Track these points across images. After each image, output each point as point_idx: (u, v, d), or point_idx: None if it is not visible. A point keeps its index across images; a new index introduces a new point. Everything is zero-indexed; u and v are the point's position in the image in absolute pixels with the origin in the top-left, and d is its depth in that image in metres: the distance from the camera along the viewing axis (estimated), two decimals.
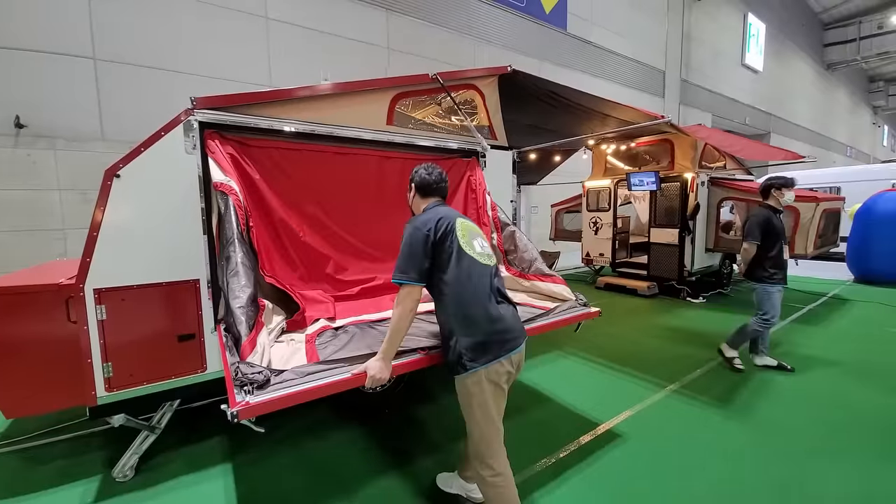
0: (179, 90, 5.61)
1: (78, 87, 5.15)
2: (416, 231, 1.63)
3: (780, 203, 3.52)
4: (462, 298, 1.60)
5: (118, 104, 5.32)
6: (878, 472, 2.25)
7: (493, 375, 1.59)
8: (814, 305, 5.82)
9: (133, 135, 5.33)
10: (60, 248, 5.16)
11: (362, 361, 1.59)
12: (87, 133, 5.27)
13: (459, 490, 2.07)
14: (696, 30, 14.08)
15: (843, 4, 19.85)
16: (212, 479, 2.26)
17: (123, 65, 5.34)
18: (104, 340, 2.06)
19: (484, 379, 1.59)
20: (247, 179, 2.39)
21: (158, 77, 5.52)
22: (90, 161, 5.26)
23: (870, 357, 3.90)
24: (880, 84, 27.64)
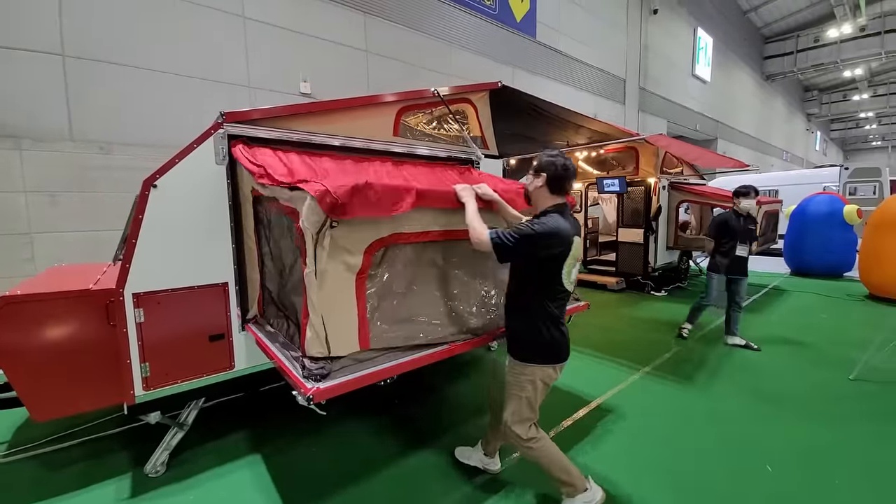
0: (153, 89, 5.51)
1: (45, 85, 4.96)
2: (552, 236, 1.67)
3: (739, 208, 4.09)
4: (551, 312, 1.82)
5: (89, 103, 5.16)
6: (810, 430, 2.76)
7: (549, 374, 1.90)
8: (758, 296, 6.59)
9: (104, 134, 5.21)
10: (27, 253, 4.95)
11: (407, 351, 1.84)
12: (55, 133, 5.08)
13: (478, 462, 2.34)
14: (652, 41, 15.08)
15: (783, 20, 21.79)
16: (242, 469, 2.42)
17: (94, 62, 5.18)
18: (142, 342, 2.17)
19: (546, 373, 1.89)
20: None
21: (131, 75, 5.39)
22: (58, 161, 5.08)
23: (804, 339, 4.55)
24: (814, 93, 30.48)
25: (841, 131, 37.54)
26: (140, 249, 2.14)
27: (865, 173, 9.28)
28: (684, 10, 16.64)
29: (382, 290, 1.87)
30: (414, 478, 2.32)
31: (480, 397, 3.28)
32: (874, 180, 9.07)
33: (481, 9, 9.84)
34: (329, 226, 1.51)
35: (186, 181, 2.25)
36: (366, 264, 1.75)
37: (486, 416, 2.95)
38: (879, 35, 19.01)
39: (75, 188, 5.07)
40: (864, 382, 3.40)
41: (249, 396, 3.18)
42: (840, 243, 7.37)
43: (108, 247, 5.04)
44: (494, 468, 2.30)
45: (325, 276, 1.60)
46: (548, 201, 1.80)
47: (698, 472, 2.34)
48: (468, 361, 4.01)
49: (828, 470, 2.34)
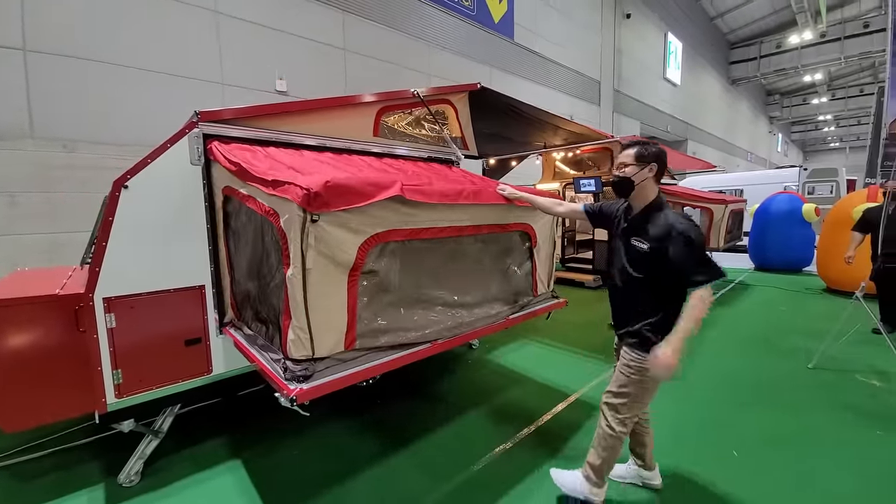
0: (121, 85, 5.30)
1: (5, 80, 4.70)
2: (701, 236, 1.69)
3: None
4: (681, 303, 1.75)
5: (51, 100, 4.91)
6: (774, 416, 2.93)
7: None
8: (725, 291, 6.89)
9: (69, 132, 4.98)
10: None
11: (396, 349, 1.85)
12: (15, 130, 4.83)
13: (635, 479, 2.21)
14: (625, 45, 15.51)
15: (747, 26, 22.79)
16: (223, 475, 2.37)
17: (58, 57, 4.95)
18: (114, 348, 2.11)
19: None
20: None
21: (98, 70, 5.16)
22: (19, 160, 4.83)
23: (767, 331, 4.81)
24: (776, 97, 32.01)
25: (801, 133, 39.58)
26: (110, 252, 2.07)
27: (823, 174, 9.84)
28: (655, 15, 17.18)
29: (375, 288, 1.87)
30: (397, 477, 2.34)
31: (463, 393, 3.32)
32: (831, 180, 9.64)
33: (460, 9, 9.89)
34: (311, 220, 1.50)
35: (159, 182, 2.19)
36: (359, 262, 1.74)
37: (468, 411, 3.01)
38: (839, 41, 20.13)
39: (36, 188, 4.83)
40: (822, 371, 3.62)
41: (228, 401, 3.11)
42: (799, 240, 7.80)
43: (69, 250, 4.83)
44: (656, 482, 2.18)
45: (313, 275, 1.58)
46: (655, 192, 1.80)
47: (669, 458, 2.45)
48: (451, 358, 4.04)
49: (791, 454, 2.49)
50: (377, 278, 1.88)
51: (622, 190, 1.81)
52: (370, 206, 1.66)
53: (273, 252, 1.78)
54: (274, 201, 1.58)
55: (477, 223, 2.21)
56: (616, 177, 1.79)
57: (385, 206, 1.78)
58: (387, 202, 1.74)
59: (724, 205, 6.38)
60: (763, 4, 20.76)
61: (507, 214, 2.40)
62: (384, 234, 1.83)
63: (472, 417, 2.97)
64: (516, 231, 2.57)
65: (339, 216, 1.59)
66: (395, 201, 1.79)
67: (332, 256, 1.62)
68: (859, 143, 33.50)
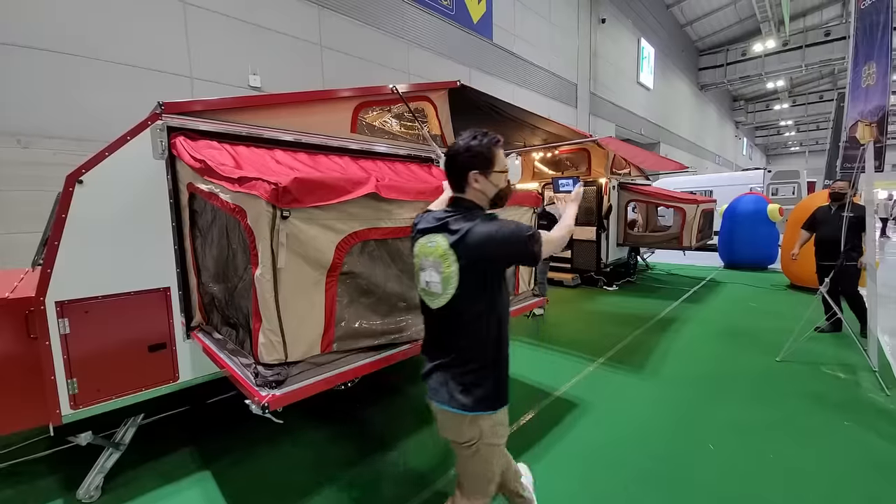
0: (81, 76, 5.00)
1: None
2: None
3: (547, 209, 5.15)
4: (504, 327, 1.44)
5: (3, 91, 4.59)
6: (746, 408, 3.01)
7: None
8: (697, 288, 7.11)
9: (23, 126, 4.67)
10: None
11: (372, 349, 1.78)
12: None
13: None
14: (601, 49, 15.84)
15: (715, 34, 23.72)
16: (190, 487, 2.25)
17: (12, 47, 4.62)
18: (68, 355, 1.95)
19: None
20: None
21: (59, 62, 4.86)
22: None
23: (737, 325, 4.97)
24: (742, 103, 33.45)
25: (764, 137, 41.51)
26: (63, 252, 1.92)
27: (786, 175, 10.32)
28: (629, 21, 17.62)
29: (354, 288, 1.79)
30: (374, 484, 2.27)
31: None
32: (793, 181, 10.11)
33: (439, 8, 9.85)
34: (281, 216, 1.42)
35: (119, 177, 2.05)
36: (337, 261, 1.66)
37: None
38: (801, 49, 21.18)
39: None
40: (790, 364, 3.76)
41: (197, 409, 2.96)
42: (765, 239, 8.14)
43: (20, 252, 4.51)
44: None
45: (286, 275, 1.50)
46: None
47: (651, 453, 2.47)
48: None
49: (764, 443, 2.56)
50: (357, 278, 1.81)
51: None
52: (345, 203, 1.59)
53: (240, 252, 1.69)
54: (240, 198, 1.49)
55: None
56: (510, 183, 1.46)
57: (361, 204, 1.71)
58: (363, 199, 1.68)
59: (695, 205, 6.59)
60: (729, 13, 21.64)
61: None
62: (363, 233, 1.76)
63: None
64: None
65: (313, 213, 1.51)
66: (371, 198, 1.72)
67: (307, 255, 1.54)
68: (818, 147, 35.37)
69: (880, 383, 3.24)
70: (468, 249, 1.28)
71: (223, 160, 2.03)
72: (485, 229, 1.28)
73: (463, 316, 1.35)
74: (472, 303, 1.33)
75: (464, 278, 1.30)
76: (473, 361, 1.37)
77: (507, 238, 1.27)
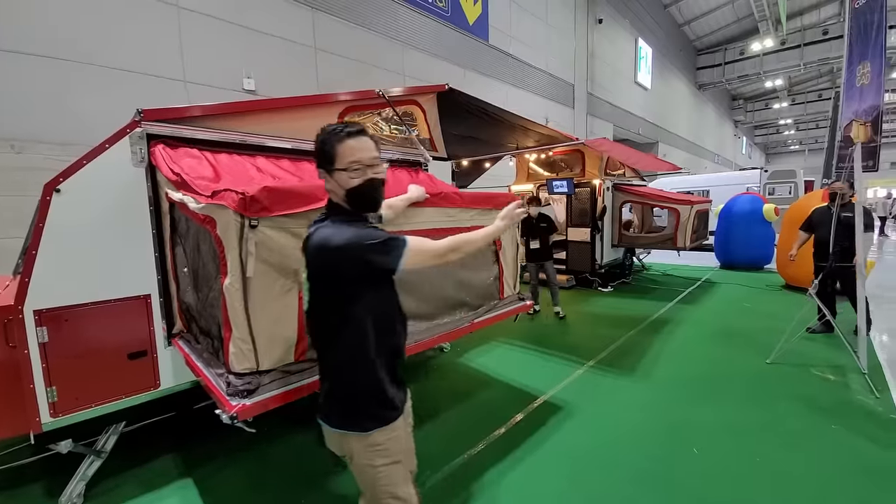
0: (73, 81, 5.01)
1: None
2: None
3: (530, 212, 5.25)
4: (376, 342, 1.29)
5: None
6: (737, 408, 3.00)
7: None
8: (692, 288, 7.10)
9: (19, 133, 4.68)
10: None
11: None
12: None
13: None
14: (598, 49, 15.83)
15: (713, 33, 23.71)
16: (171, 496, 2.24)
17: (4, 52, 4.63)
18: (47, 364, 1.96)
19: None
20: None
21: (48, 66, 4.87)
22: None
23: (730, 326, 4.95)
24: (740, 102, 33.39)
25: (763, 136, 41.46)
26: (41, 261, 1.92)
27: (782, 175, 10.30)
28: (626, 21, 17.62)
29: None
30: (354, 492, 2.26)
31: (430, 398, 3.26)
32: (790, 181, 10.09)
33: (434, 10, 9.86)
34: (249, 225, 1.42)
35: (97, 185, 2.05)
36: None
37: (434, 417, 2.95)
38: (799, 48, 21.15)
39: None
40: (780, 365, 3.75)
41: (182, 415, 2.95)
42: (760, 239, 8.12)
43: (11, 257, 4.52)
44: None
45: (255, 284, 1.50)
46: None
47: (637, 456, 2.46)
48: (420, 362, 3.99)
49: (751, 446, 2.55)
50: None
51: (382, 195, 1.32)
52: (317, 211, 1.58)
53: (211, 262, 1.69)
54: (209, 208, 1.49)
55: (436, 226, 2.16)
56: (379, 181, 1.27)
57: None
58: None
59: (689, 205, 6.57)
60: (727, 13, 21.62)
61: (469, 217, 2.37)
62: None
63: (436, 423, 2.92)
64: None
65: (282, 221, 1.51)
66: None
67: (278, 264, 1.54)
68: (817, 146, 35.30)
69: (870, 385, 3.23)
70: (309, 257, 1.21)
71: (201, 170, 2.03)
72: (322, 235, 1.17)
73: (322, 326, 1.27)
74: (327, 314, 1.24)
75: (314, 286, 1.22)
76: (339, 376, 1.28)
77: (341, 246, 1.13)
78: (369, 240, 1.14)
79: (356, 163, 1.20)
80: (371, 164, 1.23)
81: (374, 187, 1.24)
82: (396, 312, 1.36)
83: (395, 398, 1.32)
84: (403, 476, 1.35)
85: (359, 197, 1.23)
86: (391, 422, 1.29)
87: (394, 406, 1.31)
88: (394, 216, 1.84)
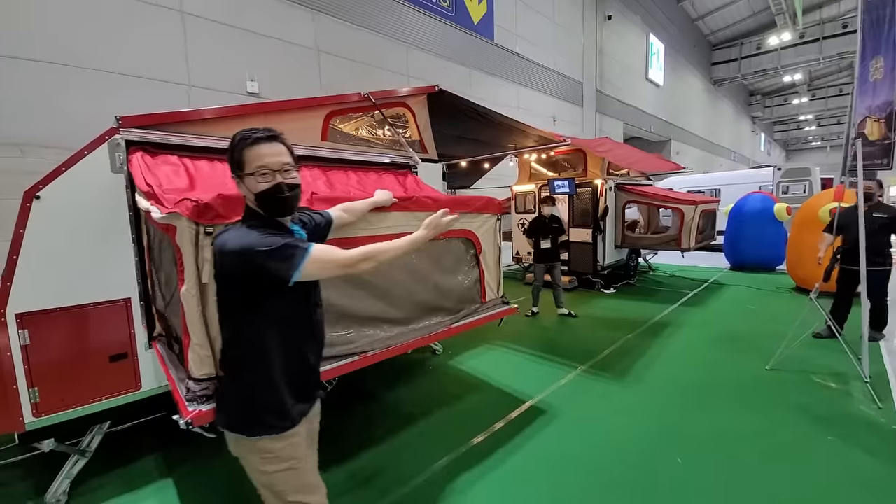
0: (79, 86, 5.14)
1: None
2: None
3: (543, 211, 5.36)
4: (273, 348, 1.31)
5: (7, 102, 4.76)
6: (730, 416, 2.91)
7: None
8: (698, 290, 6.93)
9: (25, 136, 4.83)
10: None
11: None
12: None
13: None
14: (607, 46, 15.59)
15: (728, 28, 23.12)
16: (152, 496, 2.29)
17: (11, 59, 4.78)
18: (29, 365, 2.01)
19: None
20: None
21: (54, 71, 5.01)
22: None
23: (732, 331, 4.81)
24: (758, 97, 32.46)
25: (783, 133, 40.26)
26: (22, 266, 1.98)
27: (796, 173, 9.97)
28: (637, 17, 17.30)
29: None
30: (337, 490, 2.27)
31: (417, 401, 3.26)
32: (804, 179, 9.76)
33: (438, 10, 9.84)
34: (204, 233, 1.43)
35: (76, 191, 2.10)
36: None
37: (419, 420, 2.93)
38: (818, 41, 20.47)
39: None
40: (780, 372, 3.63)
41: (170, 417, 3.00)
42: (772, 239, 7.87)
43: None
44: None
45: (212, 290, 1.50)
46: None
47: (616, 463, 2.41)
48: (411, 363, 3.98)
49: (738, 455, 2.47)
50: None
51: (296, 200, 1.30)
52: None
53: (173, 268, 1.71)
54: (168, 216, 1.51)
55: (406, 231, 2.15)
56: (287, 186, 1.23)
57: None
58: None
59: (694, 205, 6.41)
60: (742, 6, 21.05)
61: None
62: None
63: (418, 426, 2.92)
64: (457, 238, 2.52)
65: None
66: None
67: None
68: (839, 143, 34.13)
69: (872, 395, 3.10)
70: (214, 259, 1.24)
71: (176, 179, 2.06)
72: (222, 238, 1.19)
73: (223, 323, 1.30)
74: (226, 314, 1.28)
75: (218, 286, 1.27)
76: (233, 378, 1.31)
77: (235, 251, 1.14)
78: (264, 246, 1.12)
79: (263, 167, 1.20)
80: (281, 169, 1.22)
81: (282, 191, 1.22)
82: (307, 324, 1.36)
83: (291, 410, 1.30)
84: (303, 482, 1.35)
85: (268, 201, 1.23)
86: (283, 431, 1.28)
87: (288, 417, 1.30)
88: (352, 220, 1.84)
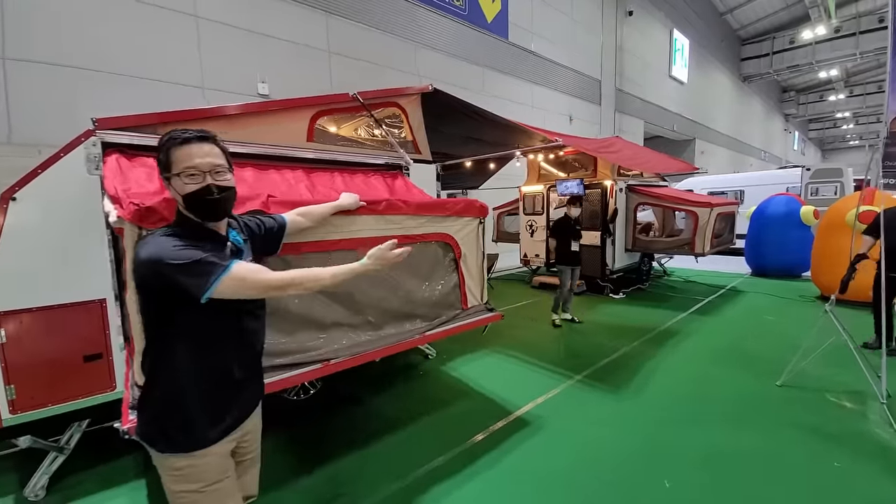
0: (95, 89, 5.32)
1: None
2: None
3: (571, 212, 5.13)
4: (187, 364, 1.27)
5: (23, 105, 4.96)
6: (721, 433, 2.73)
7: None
8: (713, 297, 6.60)
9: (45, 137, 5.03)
10: None
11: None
12: None
13: None
14: (628, 43, 15.14)
15: (759, 21, 22.09)
16: (126, 494, 2.31)
17: (34, 63, 5.00)
18: (5, 363, 2.06)
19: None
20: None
21: (72, 76, 5.20)
22: None
23: (744, 343, 4.54)
24: (792, 94, 30.90)
25: (819, 131, 38.24)
26: None
27: (827, 174, 9.38)
28: (660, 12, 16.75)
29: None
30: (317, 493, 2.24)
31: (405, 407, 3.20)
32: (835, 181, 9.18)
33: (451, 9, 9.75)
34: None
35: (52, 193, 2.13)
36: None
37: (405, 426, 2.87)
38: (854, 36, 19.31)
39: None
40: (790, 388, 3.39)
41: None
42: (797, 244, 7.42)
43: None
44: None
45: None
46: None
47: (594, 481, 2.28)
48: (402, 368, 3.93)
49: (733, 479, 2.30)
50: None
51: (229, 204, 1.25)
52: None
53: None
54: (119, 221, 1.49)
55: (375, 234, 2.09)
56: (218, 188, 1.18)
57: None
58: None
59: (709, 207, 6.11)
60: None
61: (417, 225, 2.28)
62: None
63: (402, 434, 2.85)
64: (433, 242, 2.44)
65: None
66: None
67: None
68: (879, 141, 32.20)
69: (889, 416, 2.84)
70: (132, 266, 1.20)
71: (148, 182, 2.06)
72: (138, 246, 1.15)
73: (144, 333, 1.27)
74: (144, 324, 1.25)
75: (137, 295, 1.22)
76: (146, 386, 1.26)
77: (145, 261, 1.08)
78: (175, 259, 1.07)
79: (192, 168, 1.14)
80: (212, 171, 1.16)
81: (211, 193, 1.16)
82: (233, 334, 1.27)
83: (202, 430, 1.22)
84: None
85: (196, 203, 1.16)
86: (190, 450, 1.21)
87: (196, 437, 1.22)
88: (310, 225, 1.78)
